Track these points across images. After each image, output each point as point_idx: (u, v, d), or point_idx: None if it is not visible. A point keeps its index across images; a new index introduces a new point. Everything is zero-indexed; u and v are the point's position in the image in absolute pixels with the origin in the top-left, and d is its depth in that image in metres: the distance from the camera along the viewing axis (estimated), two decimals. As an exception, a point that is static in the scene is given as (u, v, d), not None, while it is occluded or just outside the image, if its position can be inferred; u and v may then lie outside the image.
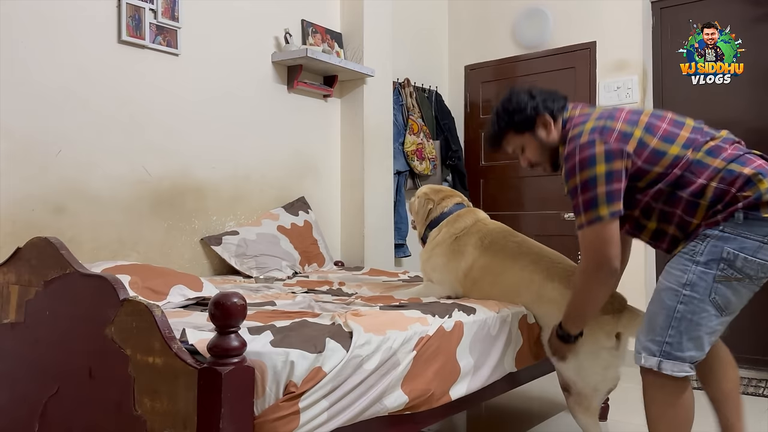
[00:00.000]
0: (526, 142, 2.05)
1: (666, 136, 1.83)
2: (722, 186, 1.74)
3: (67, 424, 1.55)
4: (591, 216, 1.81)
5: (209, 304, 1.30)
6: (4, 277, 1.78)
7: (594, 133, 1.82)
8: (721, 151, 1.81)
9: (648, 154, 1.80)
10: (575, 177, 1.83)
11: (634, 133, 1.82)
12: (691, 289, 1.75)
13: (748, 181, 1.72)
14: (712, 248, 1.74)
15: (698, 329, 1.76)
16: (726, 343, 3.97)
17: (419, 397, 1.72)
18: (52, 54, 2.59)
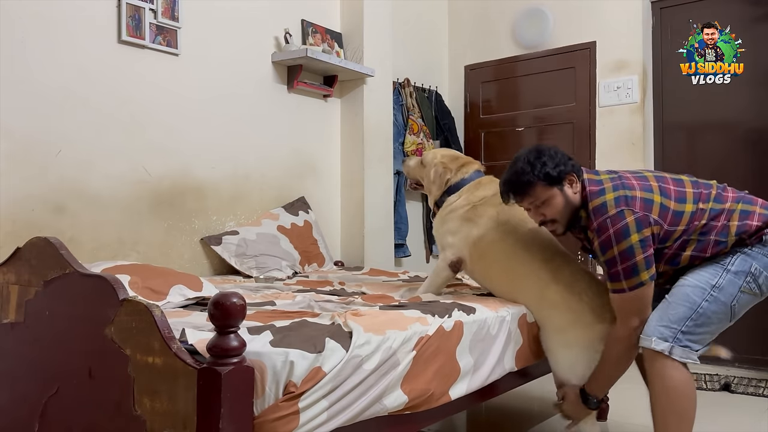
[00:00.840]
0: (552, 197, 2.05)
1: (678, 197, 2.01)
2: (739, 223, 1.97)
3: (66, 424, 1.55)
4: (633, 282, 1.95)
5: (209, 304, 1.30)
6: (3, 277, 1.78)
7: (620, 204, 1.96)
8: (724, 197, 2.03)
9: (671, 217, 1.98)
10: (612, 249, 1.95)
11: (654, 199, 1.98)
12: (718, 292, 1.94)
13: (762, 215, 1.97)
14: (743, 261, 1.95)
15: (710, 328, 1.97)
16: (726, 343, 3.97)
17: (419, 397, 1.72)
18: (52, 54, 2.59)
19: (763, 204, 2.03)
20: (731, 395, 3.34)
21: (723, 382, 3.45)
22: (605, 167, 4.16)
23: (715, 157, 3.94)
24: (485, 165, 2.40)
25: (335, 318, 1.68)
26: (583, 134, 4.27)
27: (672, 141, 4.09)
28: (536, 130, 4.51)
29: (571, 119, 4.34)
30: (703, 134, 3.99)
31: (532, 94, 4.53)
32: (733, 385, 3.42)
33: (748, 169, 3.84)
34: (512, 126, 4.61)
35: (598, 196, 1.99)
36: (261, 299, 2.21)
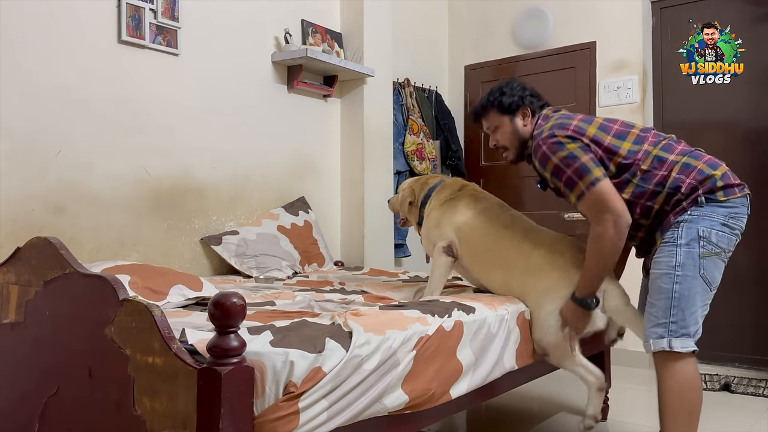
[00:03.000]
0: (502, 124, 2.29)
1: (618, 134, 2.09)
2: (681, 176, 2.00)
3: (66, 424, 1.55)
4: (588, 180, 2.01)
5: (209, 304, 1.30)
6: (4, 277, 1.78)
7: (553, 129, 2.09)
8: (673, 148, 2.07)
9: (604, 148, 2.05)
10: (551, 161, 2.06)
11: (589, 130, 2.07)
12: (682, 269, 1.96)
13: (701, 172, 2.01)
14: (688, 230, 1.98)
15: (694, 305, 1.99)
16: (726, 343, 3.98)
17: (419, 397, 1.72)
18: (53, 54, 2.59)
19: (709, 161, 2.05)
20: (731, 395, 3.34)
21: (723, 382, 3.45)
22: (605, 167, 4.18)
23: (714, 156, 3.93)
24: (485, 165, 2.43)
25: (335, 318, 1.68)
26: (583, 134, 4.27)
27: (672, 141, 4.09)
28: (536, 130, 4.51)
29: (571, 119, 4.33)
30: (703, 134, 3.99)
31: (532, 94, 4.53)
32: (733, 385, 3.42)
33: (748, 169, 3.83)
34: (512, 126, 4.60)
35: (540, 127, 2.17)
36: (261, 299, 2.21)
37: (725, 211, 2.00)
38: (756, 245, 3.80)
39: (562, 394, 3.28)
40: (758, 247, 3.79)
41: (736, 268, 3.84)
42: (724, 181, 2.01)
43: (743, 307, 3.80)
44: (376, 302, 2.18)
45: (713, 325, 3.89)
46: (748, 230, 4.03)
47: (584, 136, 2.05)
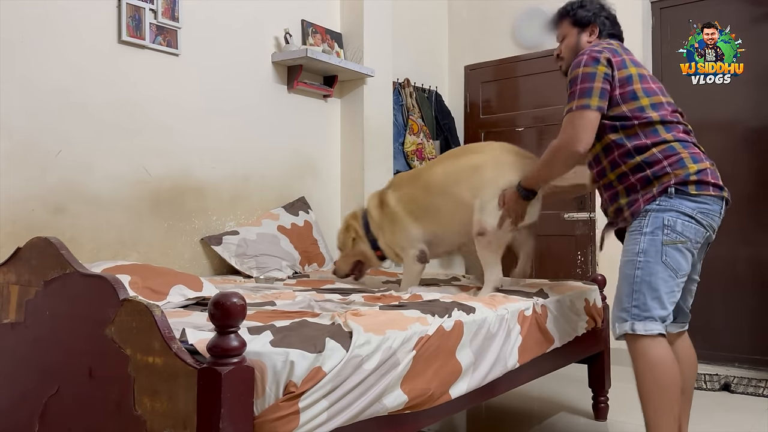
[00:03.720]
0: (570, 35, 2.31)
1: (647, 90, 2.08)
2: (659, 156, 2.01)
3: (67, 424, 1.55)
4: (583, 102, 2.06)
5: (209, 304, 1.30)
6: (4, 277, 1.78)
7: (605, 48, 2.11)
8: (674, 129, 2.07)
9: (627, 90, 2.06)
10: (579, 69, 2.09)
11: (630, 69, 2.08)
12: (644, 256, 1.99)
13: (680, 161, 2.00)
14: (654, 219, 1.99)
15: (658, 290, 1.98)
16: (726, 343, 3.97)
17: (419, 397, 1.72)
18: (53, 54, 2.59)
19: (694, 154, 2.04)
20: (731, 395, 3.34)
21: (723, 382, 3.45)
22: (605, 167, 4.18)
23: (715, 157, 3.88)
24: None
25: (335, 318, 1.68)
26: (583, 134, 4.27)
27: (672, 141, 4.09)
28: (536, 130, 4.51)
29: (571, 119, 4.33)
30: (703, 134, 3.95)
31: (532, 94, 4.53)
32: (733, 385, 3.42)
33: (748, 169, 3.84)
34: (512, 126, 4.61)
35: (597, 46, 2.15)
36: (261, 299, 2.21)
37: (694, 205, 1.99)
38: (756, 245, 3.80)
39: (562, 394, 3.28)
40: (758, 247, 3.79)
41: (736, 269, 3.85)
42: (699, 177, 1.99)
43: (743, 307, 3.80)
44: (376, 302, 2.18)
45: (713, 326, 3.90)
46: (748, 230, 4.04)
47: (620, 71, 2.06)
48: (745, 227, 3.83)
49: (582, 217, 4.23)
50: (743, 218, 3.83)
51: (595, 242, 4.17)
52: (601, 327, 2.83)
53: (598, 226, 4.16)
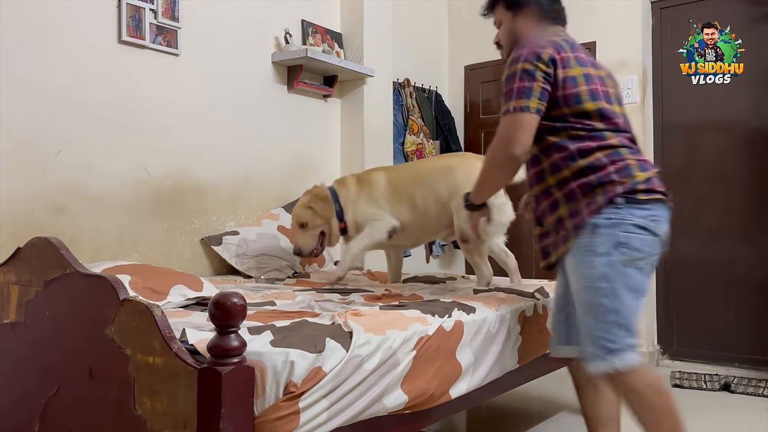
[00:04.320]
0: (505, 20, 2.15)
1: (593, 93, 1.88)
2: (605, 161, 1.83)
3: (67, 424, 1.55)
4: (521, 103, 1.85)
5: (209, 304, 1.30)
6: (4, 277, 1.78)
7: (548, 44, 1.90)
8: (620, 135, 1.89)
9: (570, 93, 1.86)
10: (517, 65, 1.88)
11: (575, 69, 1.88)
12: (607, 281, 1.78)
13: (627, 168, 1.82)
14: (607, 237, 1.78)
15: (624, 316, 1.78)
16: (726, 343, 3.96)
17: (419, 397, 1.72)
18: (53, 54, 2.59)
19: (642, 162, 1.86)
20: (731, 395, 3.34)
21: (723, 382, 3.45)
22: (605, 167, 4.17)
23: (715, 157, 3.94)
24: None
25: (335, 318, 1.68)
26: (583, 134, 4.27)
27: (672, 141, 4.09)
28: (536, 130, 4.50)
29: (571, 119, 4.33)
30: (703, 134, 3.99)
31: (532, 94, 4.52)
32: (733, 385, 3.42)
33: (748, 169, 3.84)
34: (512, 126, 4.60)
35: (539, 38, 1.95)
36: (261, 299, 2.21)
37: (644, 212, 1.81)
38: (756, 245, 3.80)
39: (562, 394, 3.28)
40: (758, 247, 3.79)
41: (736, 269, 3.85)
42: (647, 185, 1.82)
43: (743, 307, 3.80)
44: (376, 302, 2.18)
45: (713, 326, 3.90)
46: (748, 230, 4.05)
47: (564, 69, 1.86)
48: (745, 227, 3.83)
49: (582, 217, 4.23)
50: (743, 218, 3.84)
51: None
52: (601, 327, 2.83)
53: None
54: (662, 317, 4.07)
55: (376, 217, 2.74)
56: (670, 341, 4.06)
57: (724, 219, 3.89)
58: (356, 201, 2.78)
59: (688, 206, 4.01)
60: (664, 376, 3.71)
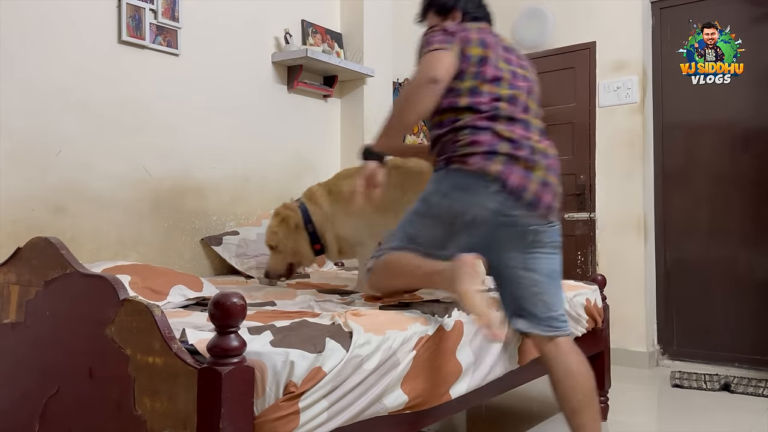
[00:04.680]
0: (439, 21, 2.25)
1: (479, 74, 1.99)
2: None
3: (67, 424, 1.55)
4: (442, 46, 1.97)
5: (209, 304, 1.30)
6: (4, 277, 1.78)
7: (455, 27, 2.07)
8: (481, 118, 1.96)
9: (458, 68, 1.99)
10: (433, 32, 2.03)
11: (473, 49, 2.01)
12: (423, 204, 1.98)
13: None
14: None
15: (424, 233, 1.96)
16: (726, 343, 3.96)
17: (419, 397, 1.72)
18: (52, 54, 2.59)
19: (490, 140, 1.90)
20: (731, 395, 3.34)
21: (723, 382, 3.45)
22: (605, 167, 4.18)
23: (715, 157, 3.94)
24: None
25: (335, 318, 1.68)
26: (583, 134, 4.27)
27: (672, 141, 4.09)
28: (536, 130, 4.51)
29: (571, 119, 4.34)
30: (703, 134, 3.99)
31: (532, 94, 4.53)
32: (733, 385, 3.42)
33: (748, 169, 3.84)
34: (512, 126, 4.60)
35: None
36: (261, 299, 2.21)
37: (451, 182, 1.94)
38: (756, 246, 3.80)
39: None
40: (758, 247, 3.79)
41: (736, 269, 3.85)
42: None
43: (743, 307, 3.81)
44: (376, 302, 2.18)
45: (713, 326, 3.90)
46: (748, 230, 4.04)
47: (465, 47, 2.00)
48: (745, 227, 3.83)
49: (582, 217, 4.23)
50: (743, 218, 3.84)
51: (596, 242, 4.17)
52: (601, 327, 2.83)
53: (598, 227, 4.16)
54: (662, 317, 4.07)
55: (362, 239, 2.51)
56: (670, 341, 4.06)
57: (724, 219, 3.90)
58: (334, 217, 2.56)
59: (688, 206, 4.01)
60: (664, 376, 3.71)
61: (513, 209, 1.89)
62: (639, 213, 4.02)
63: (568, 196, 4.27)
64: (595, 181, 4.19)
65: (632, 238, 4.03)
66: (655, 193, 4.12)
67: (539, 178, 1.91)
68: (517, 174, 1.88)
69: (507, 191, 1.87)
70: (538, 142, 1.97)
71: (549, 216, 1.95)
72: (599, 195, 4.17)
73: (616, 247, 4.08)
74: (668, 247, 4.09)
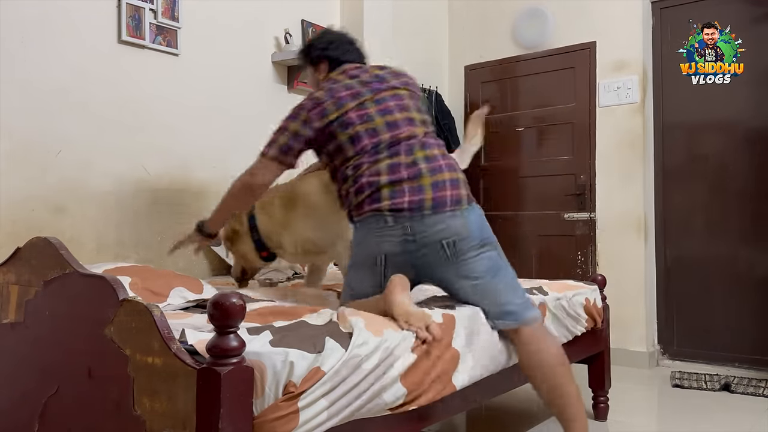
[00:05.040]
0: (310, 74, 2.49)
1: (353, 138, 2.09)
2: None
3: (66, 424, 1.55)
4: (265, 149, 2.24)
5: (208, 305, 1.30)
6: (4, 277, 1.79)
7: (309, 99, 2.24)
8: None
9: (327, 133, 2.16)
10: (283, 120, 2.27)
11: (330, 115, 2.15)
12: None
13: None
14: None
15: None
16: (726, 343, 3.97)
17: (418, 389, 1.71)
18: (52, 54, 2.59)
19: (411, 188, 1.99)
20: (731, 395, 3.34)
21: (723, 382, 3.45)
22: (605, 167, 4.18)
23: (715, 157, 3.94)
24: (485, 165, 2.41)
25: (334, 317, 1.68)
26: (583, 134, 4.27)
27: (672, 141, 4.09)
28: (536, 130, 4.51)
29: (571, 119, 4.34)
30: (703, 134, 3.99)
31: (532, 94, 4.53)
32: (733, 385, 3.41)
33: (748, 169, 3.84)
34: (512, 126, 4.61)
35: (319, 89, 2.27)
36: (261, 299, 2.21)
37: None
38: (756, 245, 3.80)
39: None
40: (758, 247, 3.79)
41: (736, 269, 3.85)
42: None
43: (743, 307, 3.80)
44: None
45: (713, 326, 3.90)
46: (748, 230, 4.05)
47: (322, 119, 2.16)
48: (745, 227, 3.83)
49: (582, 217, 4.23)
50: (743, 218, 3.84)
51: (596, 242, 4.17)
52: (601, 327, 2.83)
53: (598, 227, 4.16)
54: (662, 317, 4.07)
55: (331, 240, 2.46)
56: (670, 341, 4.06)
57: (724, 219, 3.89)
58: (289, 222, 2.49)
59: (688, 206, 4.01)
60: (664, 376, 3.71)
61: (418, 231, 1.96)
62: (639, 213, 4.02)
63: (567, 196, 4.28)
64: (595, 181, 4.19)
65: (632, 238, 4.03)
66: (655, 193, 4.12)
67: (429, 184, 1.99)
68: (406, 195, 1.97)
69: (407, 215, 1.95)
70: (420, 150, 2.06)
71: (461, 205, 2.00)
72: (599, 195, 4.17)
73: (616, 247, 4.08)
74: (668, 247, 4.09)
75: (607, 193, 4.14)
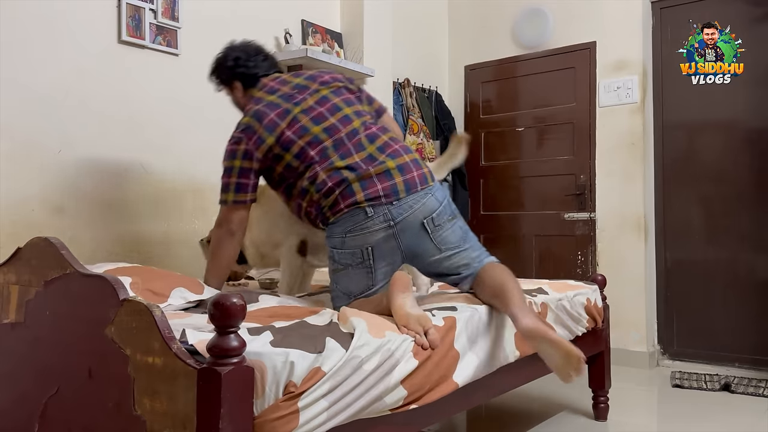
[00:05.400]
0: (228, 93, 2.44)
1: (285, 144, 2.11)
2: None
3: (66, 424, 1.55)
4: (222, 197, 2.18)
5: (208, 305, 1.30)
6: (4, 277, 1.78)
7: (240, 131, 2.16)
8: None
9: (269, 157, 2.14)
10: (224, 161, 2.18)
11: (267, 141, 2.12)
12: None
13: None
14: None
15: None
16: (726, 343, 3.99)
17: (419, 390, 1.71)
18: (52, 54, 2.59)
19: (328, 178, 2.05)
20: (731, 395, 3.34)
21: (723, 382, 3.45)
22: (605, 167, 4.18)
23: (715, 157, 3.94)
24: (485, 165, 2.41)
25: (334, 317, 1.68)
26: (583, 134, 4.27)
27: (672, 141, 4.09)
28: (536, 130, 4.51)
29: (571, 119, 4.34)
30: (703, 134, 3.99)
31: (532, 94, 4.53)
32: (733, 385, 3.42)
33: (748, 169, 3.84)
34: (512, 126, 4.61)
35: (247, 112, 2.21)
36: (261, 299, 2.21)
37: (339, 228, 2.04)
38: (756, 245, 3.80)
39: (562, 394, 3.28)
40: (758, 247, 3.79)
41: (736, 269, 3.85)
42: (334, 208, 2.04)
43: (743, 307, 3.81)
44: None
45: (713, 326, 3.90)
46: (748, 230, 4.04)
47: (259, 149, 2.12)
48: (745, 227, 3.83)
49: (582, 217, 4.23)
50: (743, 218, 3.84)
51: (596, 242, 4.17)
52: (602, 327, 2.83)
53: (598, 227, 4.16)
54: (662, 317, 4.07)
55: (277, 240, 2.49)
56: (670, 341, 4.06)
57: (724, 219, 3.90)
58: (251, 223, 2.45)
59: (688, 206, 4.01)
60: (665, 377, 3.71)
61: (397, 215, 2.00)
62: (639, 213, 4.02)
63: (568, 196, 4.28)
64: (595, 181, 4.19)
65: (632, 238, 4.03)
66: (656, 193, 4.12)
67: (395, 167, 2.04)
68: (377, 183, 2.01)
69: (384, 201, 1.99)
70: (370, 144, 2.09)
71: (428, 183, 2.07)
72: (599, 195, 4.17)
73: (616, 247, 4.08)
74: (668, 247, 4.09)
75: (607, 193, 4.14)
